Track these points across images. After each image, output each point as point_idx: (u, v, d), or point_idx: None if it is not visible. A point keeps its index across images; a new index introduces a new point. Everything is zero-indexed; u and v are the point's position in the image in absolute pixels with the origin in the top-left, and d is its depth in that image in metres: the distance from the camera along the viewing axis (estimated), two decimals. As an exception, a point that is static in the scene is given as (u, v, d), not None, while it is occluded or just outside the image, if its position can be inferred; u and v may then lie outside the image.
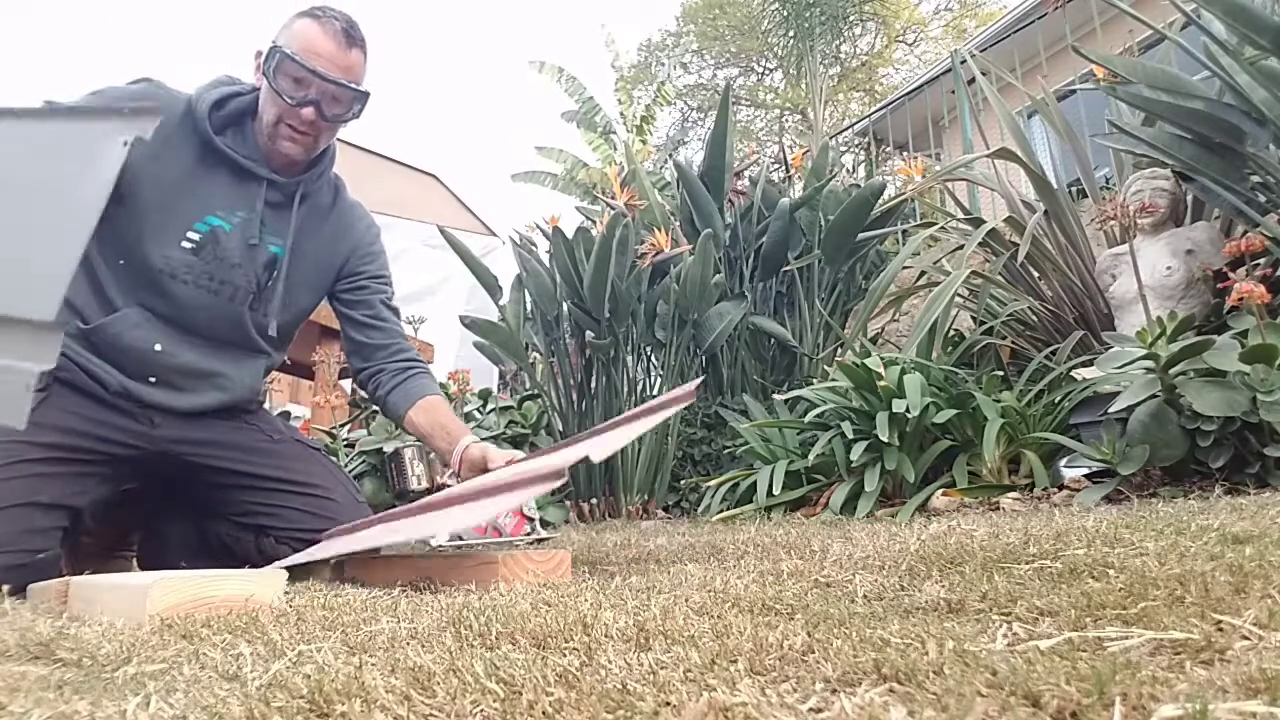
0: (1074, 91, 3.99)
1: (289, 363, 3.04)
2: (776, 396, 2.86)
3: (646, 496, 3.12)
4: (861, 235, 3.23)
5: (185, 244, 1.48)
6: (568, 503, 3.06)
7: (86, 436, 1.41)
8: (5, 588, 1.09)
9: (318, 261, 1.64)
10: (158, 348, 1.48)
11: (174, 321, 1.50)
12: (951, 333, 2.59)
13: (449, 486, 2.26)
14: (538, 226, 3.51)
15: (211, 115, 1.50)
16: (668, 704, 0.43)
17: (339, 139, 1.65)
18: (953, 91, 6.02)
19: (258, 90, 1.53)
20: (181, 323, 1.51)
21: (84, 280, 1.44)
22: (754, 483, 2.38)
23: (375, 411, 3.02)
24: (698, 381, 2.97)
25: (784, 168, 3.99)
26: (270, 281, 1.57)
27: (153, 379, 1.49)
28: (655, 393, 3.44)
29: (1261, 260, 1.86)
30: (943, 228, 2.96)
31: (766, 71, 18.52)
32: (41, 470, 1.34)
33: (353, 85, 1.49)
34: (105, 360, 1.47)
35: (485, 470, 1.46)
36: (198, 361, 1.53)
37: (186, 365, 1.52)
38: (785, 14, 9.63)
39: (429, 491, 2.23)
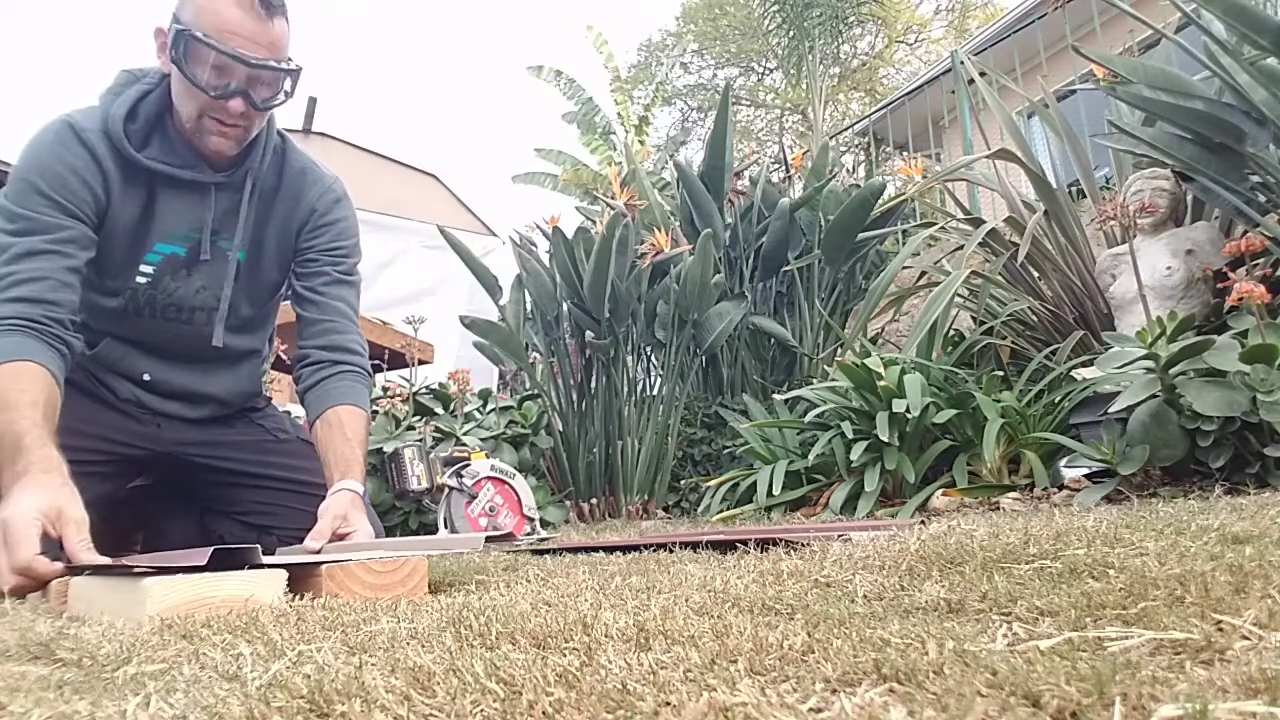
0: (1074, 91, 4.00)
1: (287, 362, 3.03)
2: (776, 396, 2.86)
3: (646, 496, 3.12)
4: (861, 235, 3.23)
5: (140, 279, 1.41)
6: (568, 503, 3.06)
7: (92, 438, 1.41)
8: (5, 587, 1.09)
9: (278, 244, 1.53)
10: (146, 377, 1.49)
11: (155, 350, 1.48)
12: (951, 333, 2.58)
13: (450, 486, 2.28)
14: (538, 226, 3.51)
15: (128, 132, 1.31)
16: (668, 704, 0.43)
17: (338, 138, 1.63)
18: (953, 91, 6.03)
19: (167, 78, 1.33)
20: (162, 352, 1.49)
21: (84, 308, 1.37)
22: (754, 483, 2.38)
23: (375, 411, 3.02)
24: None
25: (784, 168, 3.99)
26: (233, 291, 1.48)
27: (156, 396, 1.50)
28: (655, 392, 3.44)
29: (1261, 260, 1.86)
30: (943, 228, 2.96)
31: (766, 71, 18.52)
32: None
33: (282, 65, 1.27)
34: (112, 376, 1.48)
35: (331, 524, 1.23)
36: (190, 384, 1.52)
37: (180, 389, 1.52)
38: (785, 15, 9.64)
39: (429, 492, 2.22)
